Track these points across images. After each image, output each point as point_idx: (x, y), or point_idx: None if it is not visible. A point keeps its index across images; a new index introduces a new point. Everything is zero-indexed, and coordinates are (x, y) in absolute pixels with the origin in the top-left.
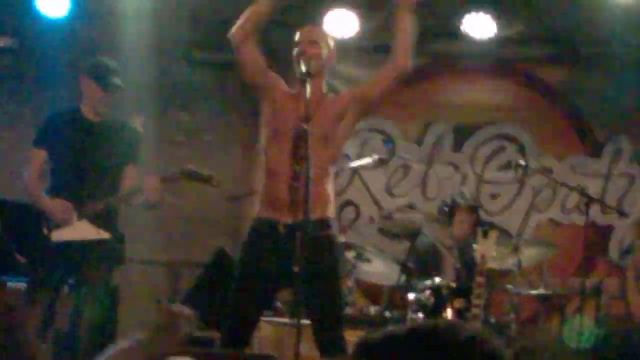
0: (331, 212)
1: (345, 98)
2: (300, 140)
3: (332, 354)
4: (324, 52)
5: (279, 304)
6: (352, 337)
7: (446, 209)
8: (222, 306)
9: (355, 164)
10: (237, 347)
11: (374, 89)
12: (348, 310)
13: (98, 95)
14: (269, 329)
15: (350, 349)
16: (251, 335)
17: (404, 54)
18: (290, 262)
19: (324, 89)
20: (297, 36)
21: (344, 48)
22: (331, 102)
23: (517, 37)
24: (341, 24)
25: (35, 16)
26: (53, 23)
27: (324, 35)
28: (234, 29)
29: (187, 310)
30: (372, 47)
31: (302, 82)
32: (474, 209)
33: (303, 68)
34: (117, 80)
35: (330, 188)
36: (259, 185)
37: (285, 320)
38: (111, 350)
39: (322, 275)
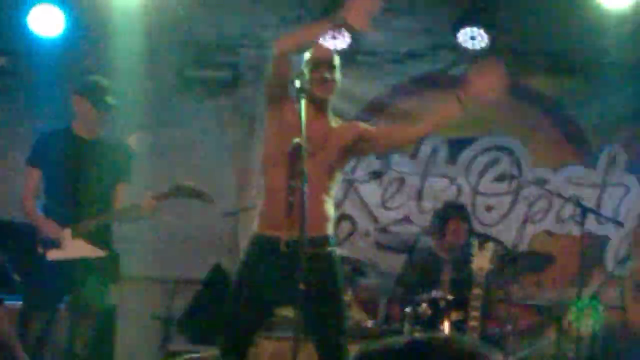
0: (330, 230)
1: (354, 132)
2: (296, 155)
3: None
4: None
5: (275, 319)
6: (349, 350)
7: (437, 219)
8: (220, 322)
9: (350, 177)
10: None
11: (386, 141)
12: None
13: (91, 114)
14: (268, 344)
15: None
16: (248, 352)
17: (427, 130)
18: (291, 278)
19: (330, 115)
20: (314, 57)
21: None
22: (339, 133)
23: (511, 49)
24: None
25: (29, 36)
26: (46, 42)
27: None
28: (282, 39)
29: None
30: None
31: (297, 99)
32: (466, 216)
33: (297, 84)
34: (110, 100)
35: (331, 208)
36: (253, 201)
37: (284, 334)
38: None
39: (325, 291)
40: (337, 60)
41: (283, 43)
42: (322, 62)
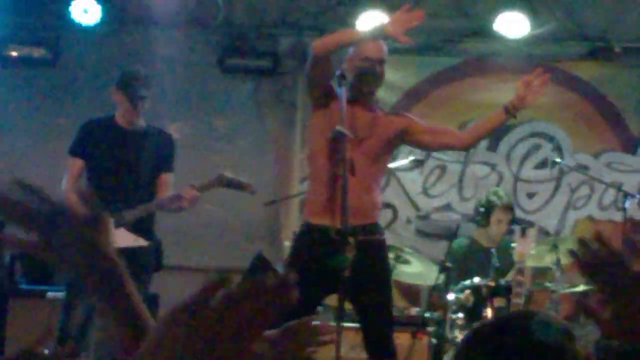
0: (378, 219)
1: (401, 124)
2: (339, 143)
3: (382, 357)
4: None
5: (319, 308)
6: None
7: (482, 209)
8: None
9: (392, 165)
10: None
11: (431, 140)
12: None
13: (126, 106)
14: None
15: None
16: None
17: (473, 140)
18: (340, 267)
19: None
20: (365, 50)
21: None
22: (386, 123)
23: (551, 35)
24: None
25: (69, 26)
26: (86, 32)
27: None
28: (319, 43)
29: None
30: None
31: (339, 85)
32: (510, 207)
33: (338, 72)
34: (142, 92)
35: (379, 195)
36: (294, 190)
37: (326, 323)
38: None
39: (374, 279)
40: (386, 54)
41: (321, 47)
42: (373, 58)
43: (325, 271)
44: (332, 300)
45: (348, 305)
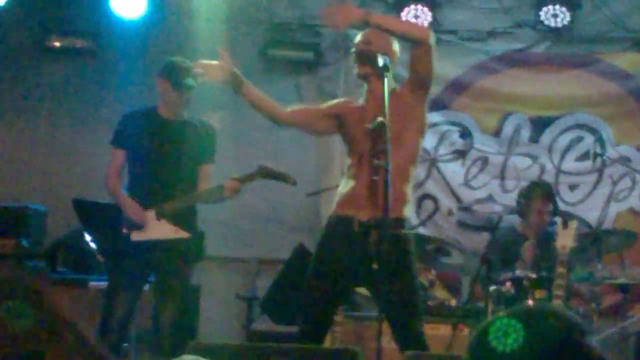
0: (406, 213)
1: (404, 94)
2: (378, 135)
3: (412, 349)
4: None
5: (358, 299)
6: (433, 330)
7: (522, 200)
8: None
9: (433, 156)
10: (313, 342)
11: (416, 68)
12: (429, 303)
13: (172, 96)
14: (349, 323)
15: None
16: (326, 332)
17: (412, 32)
18: (364, 259)
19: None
20: (358, 39)
21: None
22: (396, 100)
23: (593, 27)
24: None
25: (111, 18)
26: (128, 24)
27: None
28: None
29: None
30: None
31: (380, 77)
32: (550, 198)
33: (380, 62)
34: (190, 81)
35: (408, 189)
36: (335, 181)
37: (366, 314)
38: None
39: (398, 272)
40: (367, 34)
41: (277, 122)
42: (368, 38)
43: (348, 263)
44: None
45: None
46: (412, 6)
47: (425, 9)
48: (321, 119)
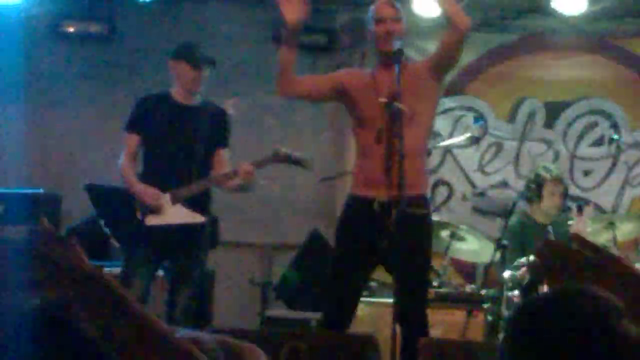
0: (426, 189)
1: (422, 71)
2: (393, 118)
3: (414, 331)
4: (404, 27)
5: (373, 284)
6: (447, 316)
7: (532, 185)
8: (318, 287)
9: (447, 142)
10: (339, 328)
11: (443, 52)
12: (444, 289)
13: (189, 75)
14: (364, 308)
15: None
16: (352, 317)
17: (458, 17)
18: (383, 237)
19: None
20: (375, 13)
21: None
22: (411, 78)
23: (608, 12)
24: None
25: (125, 2)
26: (143, 8)
27: (400, 10)
28: (277, 88)
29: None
30: None
31: (396, 61)
32: (560, 180)
33: (395, 46)
34: (207, 57)
35: (426, 165)
36: (351, 165)
37: (381, 300)
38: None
39: (413, 253)
40: (400, 12)
41: (279, 88)
42: (384, 16)
43: (369, 243)
44: (386, 277)
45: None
46: None
47: None
48: (325, 86)
